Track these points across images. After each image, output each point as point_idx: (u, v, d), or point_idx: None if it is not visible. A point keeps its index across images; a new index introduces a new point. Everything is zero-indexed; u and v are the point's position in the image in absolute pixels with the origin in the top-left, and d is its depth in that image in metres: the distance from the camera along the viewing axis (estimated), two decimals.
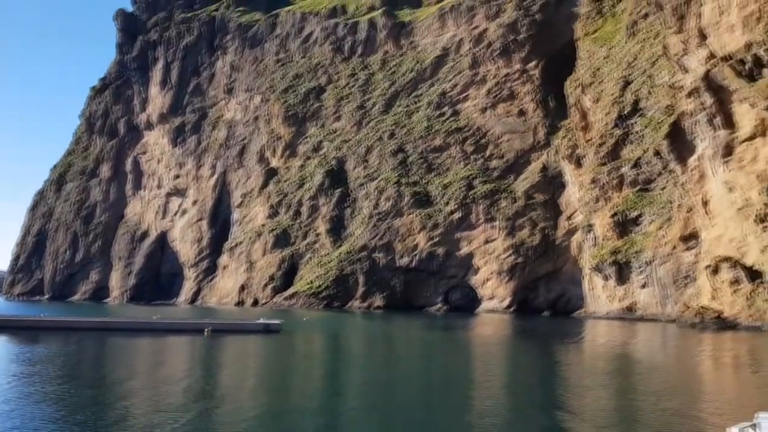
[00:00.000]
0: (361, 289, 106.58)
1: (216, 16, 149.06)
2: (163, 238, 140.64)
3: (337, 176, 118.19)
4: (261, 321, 56.86)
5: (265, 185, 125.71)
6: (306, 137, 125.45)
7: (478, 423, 20.48)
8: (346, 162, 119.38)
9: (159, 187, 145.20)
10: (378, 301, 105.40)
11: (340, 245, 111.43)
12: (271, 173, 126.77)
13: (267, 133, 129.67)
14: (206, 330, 51.49)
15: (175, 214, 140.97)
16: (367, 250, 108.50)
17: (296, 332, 55.41)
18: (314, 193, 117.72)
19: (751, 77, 63.65)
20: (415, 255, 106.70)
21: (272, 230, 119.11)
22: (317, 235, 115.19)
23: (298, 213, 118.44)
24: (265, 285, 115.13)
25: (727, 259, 65.26)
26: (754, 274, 62.70)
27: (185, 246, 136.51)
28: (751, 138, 65.15)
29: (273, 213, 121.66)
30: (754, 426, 4.69)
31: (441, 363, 38.59)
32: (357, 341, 52.52)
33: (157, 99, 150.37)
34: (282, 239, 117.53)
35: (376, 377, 31.02)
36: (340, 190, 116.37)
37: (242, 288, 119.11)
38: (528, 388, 27.85)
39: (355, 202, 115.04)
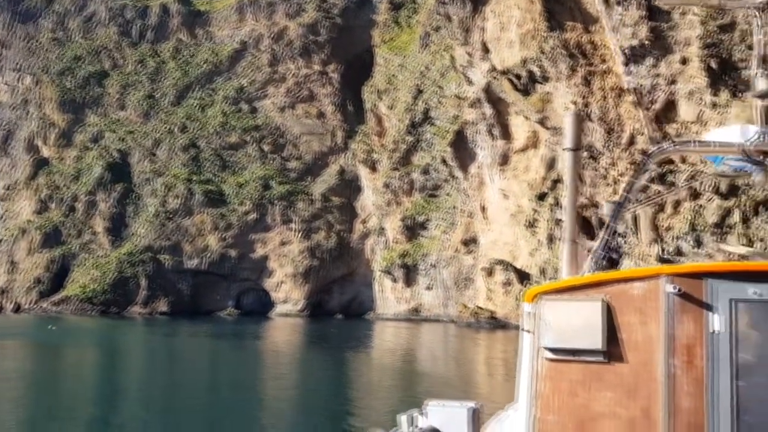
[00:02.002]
0: (143, 294, 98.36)
1: None
2: None
3: (119, 170, 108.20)
4: None
5: (33, 177, 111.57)
6: (84, 125, 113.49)
7: None
8: (131, 155, 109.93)
9: None
10: (162, 306, 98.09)
11: (120, 246, 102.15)
12: (41, 163, 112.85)
13: (38, 119, 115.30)
14: None
15: None
16: (152, 251, 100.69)
17: (15, 343, 47.10)
18: (92, 188, 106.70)
19: (526, 91, 68.14)
20: (206, 257, 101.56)
21: (40, 227, 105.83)
22: (94, 233, 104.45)
23: (72, 209, 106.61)
24: (30, 288, 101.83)
25: (500, 261, 69.36)
26: (523, 276, 67.15)
27: None
28: (524, 149, 69.90)
29: (42, 208, 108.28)
30: (422, 413, 5.95)
31: (207, 383, 35.12)
32: (103, 354, 45.06)
33: None
34: (52, 237, 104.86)
35: (98, 402, 26.52)
36: (122, 185, 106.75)
37: (2, 292, 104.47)
38: (315, 400, 25.90)
39: (139, 199, 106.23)
